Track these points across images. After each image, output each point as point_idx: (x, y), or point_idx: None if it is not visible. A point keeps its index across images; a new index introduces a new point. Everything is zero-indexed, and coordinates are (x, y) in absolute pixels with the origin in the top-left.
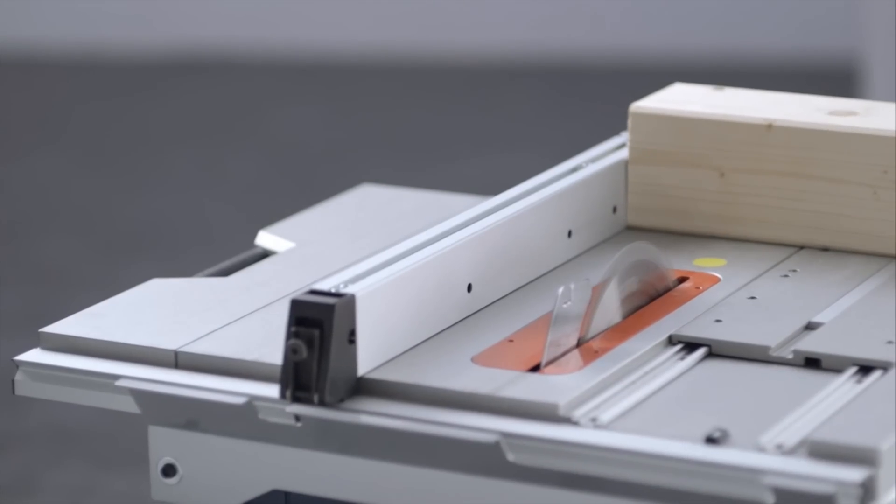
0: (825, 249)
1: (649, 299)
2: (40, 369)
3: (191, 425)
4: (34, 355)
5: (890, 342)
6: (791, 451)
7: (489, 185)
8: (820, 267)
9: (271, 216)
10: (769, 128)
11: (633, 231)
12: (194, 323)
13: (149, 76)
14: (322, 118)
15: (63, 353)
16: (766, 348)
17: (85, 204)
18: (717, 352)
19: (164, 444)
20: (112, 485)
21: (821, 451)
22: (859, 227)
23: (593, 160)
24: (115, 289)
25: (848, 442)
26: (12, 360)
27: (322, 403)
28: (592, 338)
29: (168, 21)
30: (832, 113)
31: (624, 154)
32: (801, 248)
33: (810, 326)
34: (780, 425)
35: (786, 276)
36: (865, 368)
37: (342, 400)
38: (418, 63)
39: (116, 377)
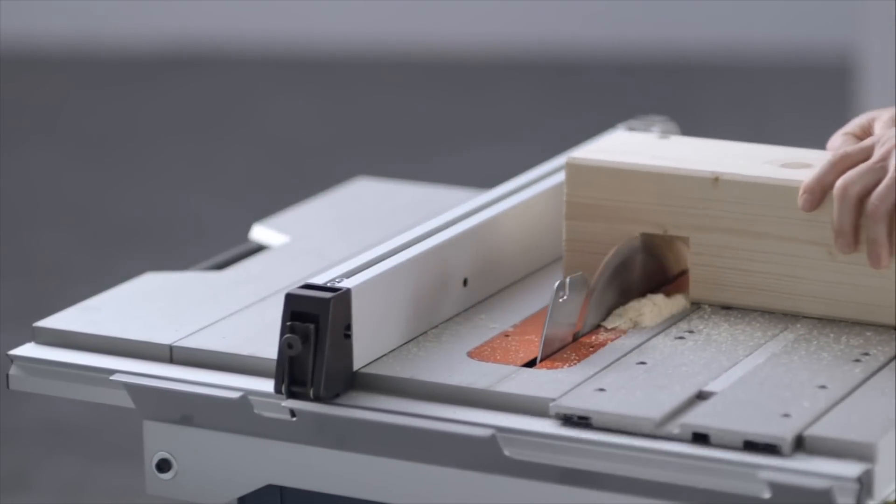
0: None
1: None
2: (35, 364)
3: (185, 420)
4: (29, 350)
5: (786, 415)
6: (788, 447)
7: (485, 179)
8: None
9: (265, 210)
10: (716, 181)
11: None
12: (189, 317)
13: (142, 70)
14: (316, 111)
15: (57, 348)
16: (650, 421)
17: (77, 197)
18: (598, 425)
19: (159, 438)
20: (106, 480)
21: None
22: (814, 291)
23: None
24: (108, 282)
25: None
26: (7, 355)
27: (317, 398)
28: (588, 332)
29: (161, 15)
30: (785, 165)
31: None
32: (755, 311)
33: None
34: None
35: (681, 337)
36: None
37: (337, 395)
38: (412, 56)
39: (111, 372)
